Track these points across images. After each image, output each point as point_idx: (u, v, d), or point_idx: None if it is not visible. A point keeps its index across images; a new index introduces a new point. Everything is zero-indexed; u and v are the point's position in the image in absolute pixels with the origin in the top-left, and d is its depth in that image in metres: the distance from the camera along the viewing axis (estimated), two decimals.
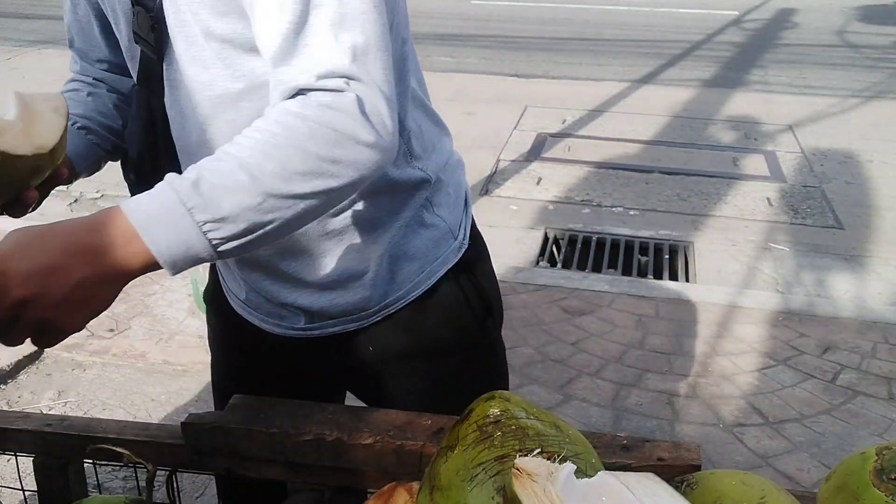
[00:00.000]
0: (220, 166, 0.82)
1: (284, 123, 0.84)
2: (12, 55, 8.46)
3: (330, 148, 0.84)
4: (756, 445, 2.78)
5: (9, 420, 1.18)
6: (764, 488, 0.85)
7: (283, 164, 0.82)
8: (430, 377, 1.27)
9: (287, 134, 0.83)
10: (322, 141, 0.83)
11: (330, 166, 0.84)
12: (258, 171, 0.81)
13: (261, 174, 0.82)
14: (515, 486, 0.72)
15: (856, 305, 3.76)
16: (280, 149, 0.82)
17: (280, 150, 0.82)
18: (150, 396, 3.01)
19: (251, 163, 0.82)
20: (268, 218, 0.83)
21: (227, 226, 0.82)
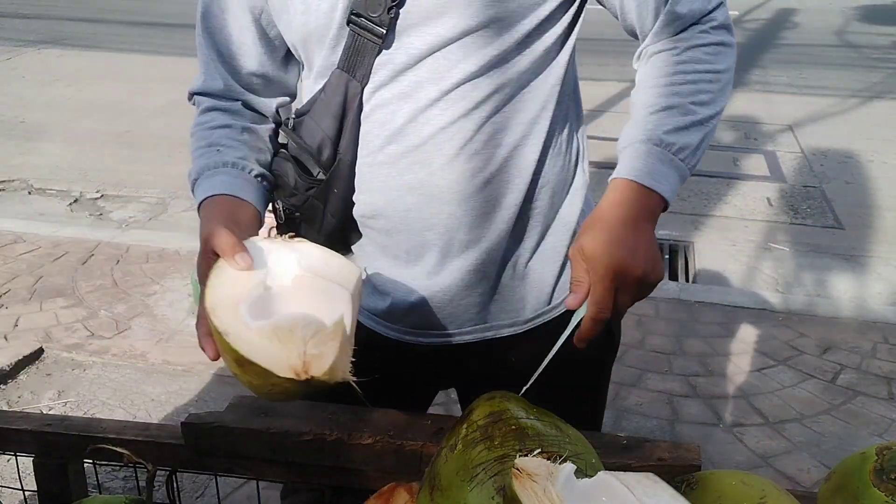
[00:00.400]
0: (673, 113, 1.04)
1: (698, 58, 1.07)
2: (12, 55, 8.46)
3: (727, 60, 1.10)
4: (756, 445, 2.78)
5: (9, 420, 1.18)
6: (764, 488, 0.85)
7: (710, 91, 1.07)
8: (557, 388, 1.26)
9: (703, 66, 1.07)
10: (723, 57, 1.09)
11: (728, 75, 1.10)
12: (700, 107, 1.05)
13: (702, 108, 1.05)
14: (515, 486, 0.72)
15: (856, 305, 3.76)
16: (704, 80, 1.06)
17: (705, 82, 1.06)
18: (150, 396, 3.01)
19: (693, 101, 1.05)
20: (710, 130, 1.07)
21: (697, 152, 1.06)
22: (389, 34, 1.04)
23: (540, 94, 1.11)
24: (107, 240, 4.28)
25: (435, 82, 1.06)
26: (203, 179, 1.13)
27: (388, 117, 1.09)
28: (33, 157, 5.71)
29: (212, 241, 0.95)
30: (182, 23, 5.31)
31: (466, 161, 1.09)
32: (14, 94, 7.20)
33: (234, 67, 1.20)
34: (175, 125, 6.34)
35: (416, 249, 1.16)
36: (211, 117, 1.20)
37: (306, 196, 1.17)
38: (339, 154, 1.13)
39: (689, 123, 1.03)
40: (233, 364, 0.85)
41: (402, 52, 1.06)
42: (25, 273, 3.90)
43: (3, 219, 4.60)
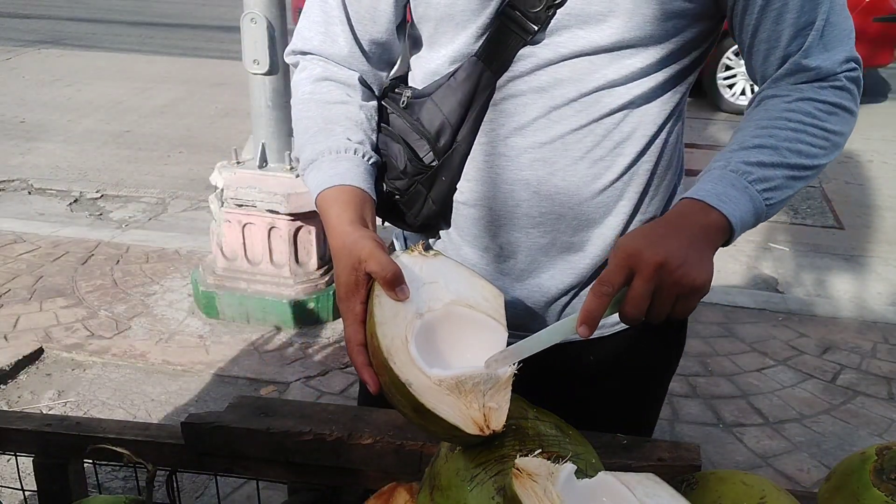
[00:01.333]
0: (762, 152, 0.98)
1: (808, 110, 1.01)
2: (12, 55, 8.46)
3: (842, 124, 1.03)
4: (756, 445, 2.78)
5: (9, 420, 1.18)
6: (764, 488, 0.85)
7: (812, 144, 1.00)
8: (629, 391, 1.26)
9: (811, 120, 1.01)
10: (836, 119, 1.03)
11: (839, 139, 1.03)
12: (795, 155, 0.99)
13: (797, 156, 0.99)
14: (516, 486, 0.72)
15: (856, 305, 3.76)
16: (809, 133, 1.00)
17: (809, 135, 1.00)
18: (150, 396, 3.01)
19: (788, 147, 0.99)
20: (798, 184, 1.01)
21: (776, 192, 0.98)
22: (540, 32, 1.02)
23: (666, 110, 1.09)
24: (106, 240, 4.28)
25: (574, 83, 1.03)
26: (325, 163, 1.07)
27: (519, 109, 1.06)
28: (33, 157, 5.71)
29: (371, 266, 0.90)
30: (182, 23, 5.31)
31: (589, 166, 1.07)
32: (14, 94, 7.20)
33: (362, 32, 1.14)
34: (175, 125, 6.35)
35: (511, 246, 1.13)
36: (326, 88, 1.14)
37: (413, 181, 1.13)
38: (456, 142, 1.10)
39: (776, 163, 0.97)
40: (409, 410, 0.83)
41: (549, 50, 1.03)
42: (25, 273, 3.90)
43: (3, 219, 4.60)
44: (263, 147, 3.39)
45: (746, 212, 0.94)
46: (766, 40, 1.02)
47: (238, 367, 3.19)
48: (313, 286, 3.49)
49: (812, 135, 1.00)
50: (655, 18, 0.99)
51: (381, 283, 0.88)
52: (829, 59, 1.02)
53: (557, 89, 1.04)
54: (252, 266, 3.49)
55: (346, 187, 1.04)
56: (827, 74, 1.03)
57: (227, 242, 3.47)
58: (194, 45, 9.16)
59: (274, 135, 3.40)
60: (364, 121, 1.12)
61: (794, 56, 1.02)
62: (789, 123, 1.00)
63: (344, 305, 0.92)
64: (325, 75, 1.14)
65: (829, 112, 1.02)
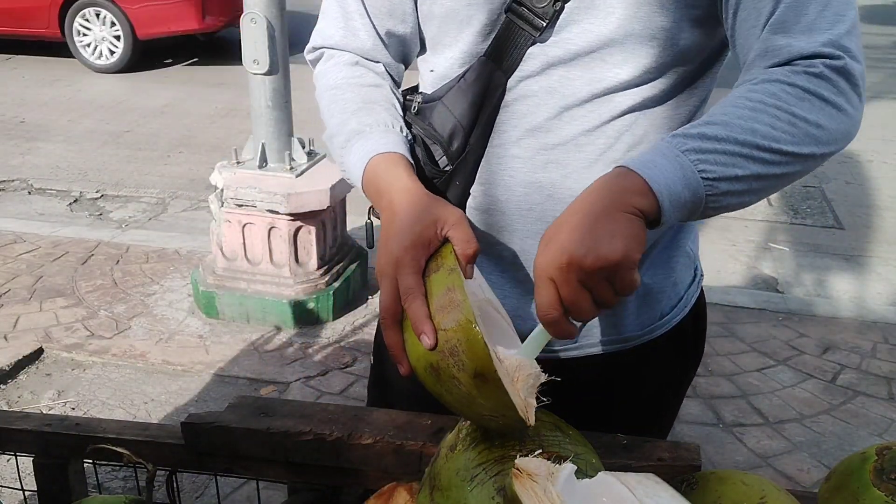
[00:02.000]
0: (709, 124, 0.87)
1: (772, 91, 0.88)
2: (12, 55, 8.46)
3: (816, 113, 0.88)
4: (756, 445, 2.78)
5: (9, 420, 1.18)
6: (764, 488, 0.85)
7: (772, 126, 0.87)
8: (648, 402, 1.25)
9: (774, 101, 0.87)
10: (809, 105, 0.88)
11: (815, 130, 0.88)
12: (749, 132, 0.86)
13: (751, 134, 0.86)
14: (516, 486, 0.72)
15: (856, 305, 3.76)
16: (769, 114, 0.87)
17: (769, 115, 0.87)
18: (150, 396, 3.01)
19: (742, 125, 0.86)
20: (755, 167, 0.86)
21: (718, 166, 0.85)
22: (549, 27, 0.99)
23: (681, 114, 1.06)
24: (106, 240, 4.28)
25: (587, 82, 1.01)
26: (377, 133, 1.04)
27: (531, 110, 1.03)
28: (33, 157, 5.71)
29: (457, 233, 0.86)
30: None
31: (604, 168, 1.00)
32: (14, 94, 7.20)
33: (380, 25, 1.12)
34: (175, 125, 6.35)
35: (526, 254, 1.10)
36: (360, 73, 1.12)
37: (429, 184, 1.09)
38: (469, 145, 1.07)
39: (720, 136, 0.85)
40: (466, 375, 0.77)
41: (558, 48, 1.00)
42: (25, 273, 3.90)
43: (3, 219, 4.60)
44: (263, 147, 3.39)
45: (673, 180, 0.83)
46: (745, 20, 0.94)
47: (238, 367, 3.19)
48: (313, 286, 3.49)
49: (773, 116, 0.87)
50: (662, 8, 0.96)
51: (462, 254, 0.85)
52: (806, 40, 0.90)
53: (569, 89, 1.02)
54: (252, 266, 3.50)
55: (404, 157, 1.02)
56: (800, 56, 0.90)
57: (226, 242, 3.47)
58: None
59: (274, 135, 3.40)
60: (398, 106, 1.11)
61: (762, 32, 0.92)
62: (748, 103, 0.88)
63: (409, 255, 0.86)
64: (356, 61, 1.13)
65: (798, 97, 0.88)
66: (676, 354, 1.24)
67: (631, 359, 1.19)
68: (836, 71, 0.90)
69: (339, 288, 3.55)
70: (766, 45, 0.91)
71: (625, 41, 0.98)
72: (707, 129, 0.86)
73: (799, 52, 0.90)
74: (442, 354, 0.79)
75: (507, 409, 0.78)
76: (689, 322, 1.22)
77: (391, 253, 0.88)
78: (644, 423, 1.23)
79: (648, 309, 1.16)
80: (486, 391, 0.77)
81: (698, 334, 1.28)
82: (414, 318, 0.82)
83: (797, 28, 0.90)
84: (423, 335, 0.80)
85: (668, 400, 1.31)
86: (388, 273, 0.87)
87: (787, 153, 0.87)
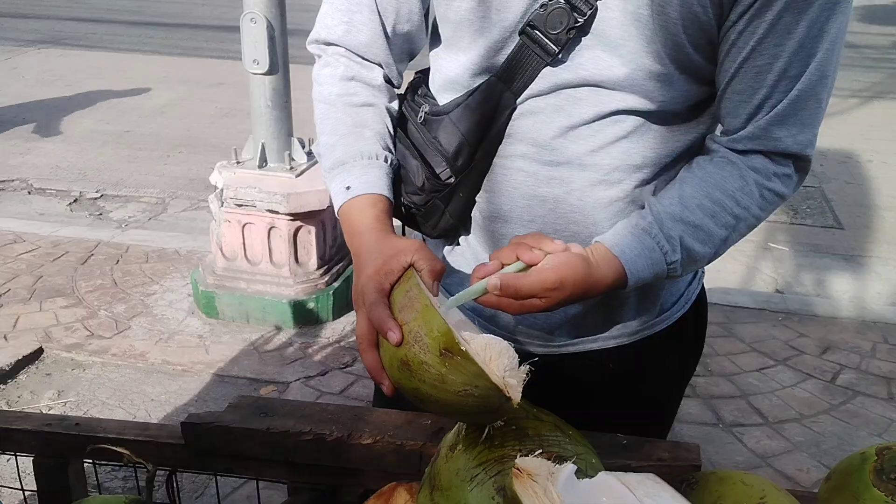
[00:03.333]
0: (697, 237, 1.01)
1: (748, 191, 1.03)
2: (12, 55, 8.46)
3: (770, 209, 1.06)
4: (756, 445, 2.78)
5: (9, 420, 1.18)
6: (764, 488, 0.85)
7: (741, 235, 1.06)
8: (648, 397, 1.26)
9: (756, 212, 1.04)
10: (770, 207, 1.05)
11: (758, 224, 1.07)
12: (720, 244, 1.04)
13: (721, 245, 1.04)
14: (516, 486, 0.72)
15: (855, 305, 3.76)
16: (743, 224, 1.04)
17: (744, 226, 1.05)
18: (149, 396, 3.01)
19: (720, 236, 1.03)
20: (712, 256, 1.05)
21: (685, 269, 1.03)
22: (562, 54, 1.00)
23: (685, 140, 1.07)
24: (106, 240, 4.28)
25: (594, 104, 1.02)
26: (358, 168, 1.07)
27: (538, 127, 1.05)
28: (33, 157, 5.70)
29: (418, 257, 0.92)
30: (182, 23, 5.31)
31: (606, 188, 1.06)
32: (14, 94, 7.20)
33: (386, 21, 1.12)
34: (175, 125, 6.35)
35: None
36: (353, 90, 1.13)
37: (430, 197, 1.13)
38: (474, 161, 1.09)
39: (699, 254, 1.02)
40: (433, 355, 0.80)
41: (569, 72, 1.01)
42: (25, 273, 3.90)
43: (3, 219, 4.60)
44: (263, 147, 3.39)
45: (647, 275, 1.00)
46: (739, 92, 0.99)
47: (238, 367, 3.19)
48: (313, 286, 3.49)
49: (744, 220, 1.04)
50: (673, 45, 0.97)
51: (428, 272, 0.90)
52: (795, 139, 1.00)
53: (576, 108, 1.03)
54: (252, 266, 3.49)
55: (380, 197, 1.06)
56: (785, 152, 1.01)
57: (226, 242, 3.47)
58: (194, 44, 9.15)
59: (274, 135, 3.40)
60: (390, 124, 1.13)
61: (766, 116, 0.99)
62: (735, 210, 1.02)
63: (372, 281, 0.91)
64: (351, 74, 1.13)
65: (770, 202, 1.04)
66: (676, 350, 1.25)
67: (630, 354, 1.20)
68: (804, 171, 1.05)
69: (338, 288, 3.55)
70: (761, 132, 1.00)
71: (634, 73, 0.99)
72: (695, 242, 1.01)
73: (785, 148, 1.01)
74: (408, 346, 0.82)
75: (478, 378, 0.78)
76: (689, 318, 1.23)
77: (359, 285, 0.94)
78: (645, 418, 1.24)
79: (648, 304, 1.18)
80: (454, 365, 0.79)
81: (699, 330, 1.29)
82: (378, 322, 0.86)
83: (793, 121, 0.99)
84: (388, 332, 0.84)
85: (668, 395, 1.32)
86: (358, 304, 0.93)
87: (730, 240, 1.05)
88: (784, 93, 0.97)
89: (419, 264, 0.91)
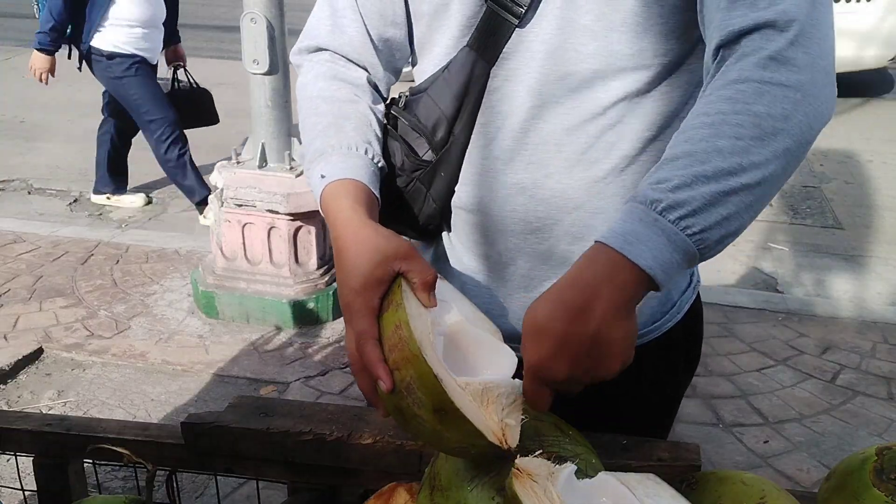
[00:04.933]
0: (676, 165, 0.81)
1: (729, 95, 0.82)
2: (12, 55, 8.46)
3: (779, 104, 0.80)
4: (756, 445, 2.78)
5: (9, 420, 1.18)
6: (764, 488, 0.85)
7: (737, 134, 0.80)
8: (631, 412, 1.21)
9: (732, 104, 0.81)
10: (769, 98, 0.80)
11: (783, 123, 0.80)
12: (716, 156, 0.79)
13: (718, 157, 0.79)
14: (516, 485, 0.72)
15: (855, 305, 3.76)
16: (729, 121, 0.80)
17: (730, 123, 0.80)
18: (149, 396, 3.01)
19: (706, 149, 0.80)
20: (741, 198, 0.80)
21: (700, 217, 0.79)
22: (529, 13, 0.98)
23: (665, 111, 1.03)
24: (106, 240, 4.28)
25: (564, 76, 0.99)
26: (336, 156, 1.03)
27: (513, 109, 1.03)
28: (33, 157, 5.71)
29: (409, 266, 0.87)
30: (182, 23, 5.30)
31: (585, 169, 1.03)
32: (14, 94, 7.20)
33: (370, 26, 1.11)
34: None
35: (510, 253, 1.09)
36: (336, 86, 1.10)
37: (411, 178, 1.10)
38: (452, 136, 1.07)
39: (692, 177, 0.79)
40: (428, 411, 0.76)
41: (539, 41, 0.99)
42: (25, 273, 3.90)
43: (3, 219, 4.60)
44: (263, 147, 3.39)
45: (663, 251, 0.78)
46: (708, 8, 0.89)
47: (238, 367, 3.19)
48: (313, 286, 3.49)
49: (735, 125, 0.80)
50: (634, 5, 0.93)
51: (420, 284, 0.86)
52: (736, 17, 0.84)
53: (546, 87, 1.01)
54: (252, 266, 3.49)
55: (358, 183, 1.01)
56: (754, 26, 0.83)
57: (226, 242, 3.47)
58: (194, 44, 9.14)
59: (274, 135, 3.40)
60: (374, 121, 1.10)
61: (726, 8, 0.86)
62: (706, 119, 0.82)
63: (360, 298, 0.86)
64: (334, 74, 1.12)
65: (757, 93, 0.81)
66: (668, 360, 1.21)
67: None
68: (793, 44, 0.82)
69: None
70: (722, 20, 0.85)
71: (598, 29, 0.96)
72: (674, 174, 0.80)
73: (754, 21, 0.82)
74: (401, 395, 0.78)
75: (474, 437, 0.76)
76: (680, 328, 1.19)
77: (345, 297, 0.89)
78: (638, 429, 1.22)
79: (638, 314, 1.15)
80: (449, 423, 0.76)
81: (693, 340, 1.25)
82: (368, 364, 0.82)
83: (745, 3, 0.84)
84: (379, 380, 0.80)
85: (662, 406, 1.28)
86: (346, 318, 0.88)
87: (760, 161, 0.80)
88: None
89: (410, 275, 0.86)
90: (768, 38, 0.82)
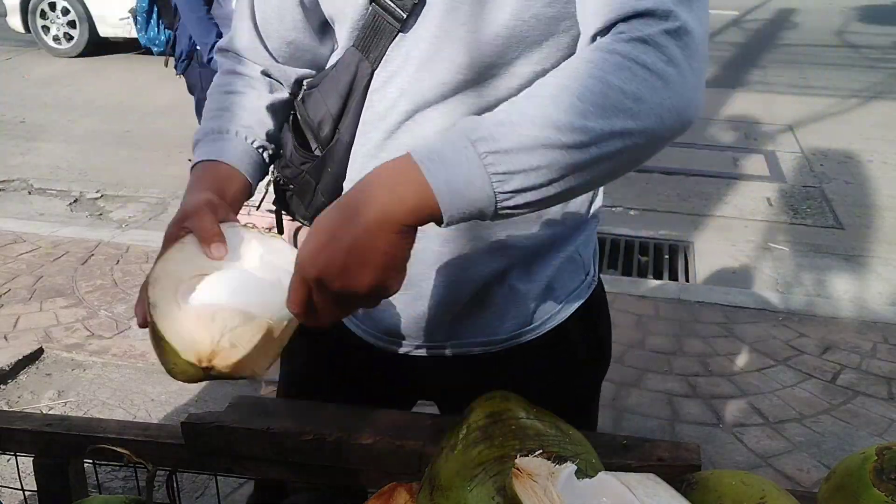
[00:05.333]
0: (512, 106, 0.78)
1: (590, 58, 0.77)
2: (12, 55, 8.46)
3: (636, 84, 0.75)
4: (756, 445, 2.78)
5: (9, 420, 1.18)
6: (764, 488, 0.85)
7: (581, 96, 0.75)
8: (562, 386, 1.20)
9: (589, 67, 0.76)
10: (628, 74, 0.75)
11: (631, 103, 0.75)
12: (552, 105, 0.75)
13: (554, 107, 0.75)
14: (516, 486, 0.72)
15: (856, 305, 3.76)
16: (580, 81, 0.76)
17: (579, 83, 0.75)
18: (150, 396, 3.01)
19: (545, 96, 0.76)
20: (557, 157, 0.74)
21: (510, 159, 0.74)
22: (410, 19, 0.99)
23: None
24: (107, 240, 4.28)
25: (438, 85, 1.01)
26: (204, 143, 1.10)
27: (389, 112, 1.05)
28: (33, 157, 5.71)
29: (191, 221, 0.94)
30: None
31: None
32: (14, 94, 7.20)
33: (269, 30, 1.15)
34: (175, 125, 6.35)
35: None
36: (228, 81, 1.17)
37: (300, 170, 1.14)
38: (338, 134, 1.10)
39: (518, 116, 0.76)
40: (151, 337, 0.87)
41: (416, 47, 1.00)
42: (25, 273, 3.90)
43: (3, 219, 4.60)
44: None
45: (458, 179, 0.74)
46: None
47: None
48: None
49: (583, 86, 0.75)
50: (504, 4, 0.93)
51: (198, 235, 0.93)
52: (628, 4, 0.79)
53: (421, 94, 1.02)
54: None
55: (213, 163, 1.07)
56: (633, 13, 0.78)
57: None
58: None
59: None
60: (259, 109, 1.15)
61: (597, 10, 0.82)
62: (560, 73, 0.79)
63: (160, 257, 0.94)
64: (229, 68, 1.19)
65: (617, 65, 0.76)
66: (555, 361, 1.19)
67: (499, 362, 1.16)
68: (669, 34, 0.77)
69: None
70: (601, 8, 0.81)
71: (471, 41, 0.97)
72: (505, 110, 0.77)
73: (633, 9, 0.78)
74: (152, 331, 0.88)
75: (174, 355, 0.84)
76: (569, 328, 1.17)
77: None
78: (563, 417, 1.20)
79: (515, 311, 1.14)
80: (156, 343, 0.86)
81: (590, 342, 1.24)
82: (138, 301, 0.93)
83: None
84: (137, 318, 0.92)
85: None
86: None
87: (592, 129, 0.74)
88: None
89: (195, 231, 0.93)
90: (646, 23, 0.78)
